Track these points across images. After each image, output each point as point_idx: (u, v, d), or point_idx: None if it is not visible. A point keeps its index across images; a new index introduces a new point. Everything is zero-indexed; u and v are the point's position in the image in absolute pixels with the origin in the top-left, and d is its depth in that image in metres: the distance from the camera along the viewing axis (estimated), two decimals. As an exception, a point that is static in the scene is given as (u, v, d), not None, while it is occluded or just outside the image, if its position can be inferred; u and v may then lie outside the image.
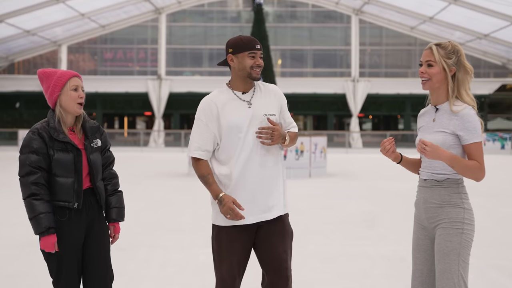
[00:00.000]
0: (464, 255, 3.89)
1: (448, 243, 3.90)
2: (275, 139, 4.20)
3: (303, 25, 45.01)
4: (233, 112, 4.21)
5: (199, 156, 4.28)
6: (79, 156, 4.14)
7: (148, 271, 7.06)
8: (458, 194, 3.96)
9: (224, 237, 4.26)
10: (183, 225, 10.27)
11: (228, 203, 4.14)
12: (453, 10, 34.41)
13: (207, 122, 4.24)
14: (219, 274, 4.31)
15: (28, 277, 6.96)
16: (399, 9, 38.93)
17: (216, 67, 44.15)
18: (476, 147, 3.89)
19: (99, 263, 4.27)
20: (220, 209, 4.20)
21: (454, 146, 3.94)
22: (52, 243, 4.03)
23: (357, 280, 6.91)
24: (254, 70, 4.21)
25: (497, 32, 35.49)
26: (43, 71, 4.25)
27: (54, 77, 4.19)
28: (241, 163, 4.19)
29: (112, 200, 4.40)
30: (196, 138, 4.28)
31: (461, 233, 3.90)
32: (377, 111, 46.32)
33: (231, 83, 4.33)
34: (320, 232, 9.64)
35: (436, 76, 4.02)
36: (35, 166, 4.05)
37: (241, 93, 4.28)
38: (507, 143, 37.02)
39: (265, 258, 4.30)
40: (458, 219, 3.91)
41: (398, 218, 11.20)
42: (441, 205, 3.98)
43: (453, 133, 3.92)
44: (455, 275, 3.86)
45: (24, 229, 9.91)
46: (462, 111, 3.90)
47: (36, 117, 43.46)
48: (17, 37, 37.73)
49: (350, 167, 24.21)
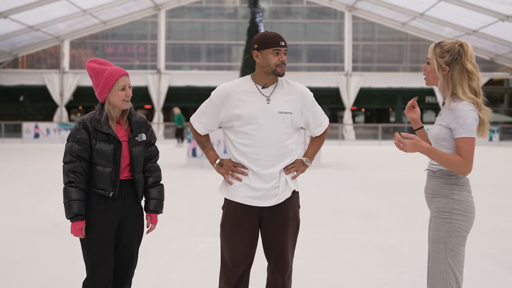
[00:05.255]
0: (452, 244, 3.88)
1: (436, 231, 3.93)
2: (298, 172, 4.36)
3: (298, 21, 44.94)
4: (249, 103, 4.20)
5: (196, 129, 4.41)
6: (119, 147, 4.21)
7: (148, 259, 7.06)
8: (450, 185, 3.94)
9: (228, 223, 4.28)
10: (182, 214, 10.28)
11: (230, 162, 4.27)
12: (443, 6, 34.38)
13: (218, 105, 4.27)
14: (223, 260, 4.34)
15: (33, 263, 6.97)
16: (391, 6, 38.88)
17: (214, 62, 44.13)
18: (462, 142, 3.85)
19: (127, 252, 4.36)
20: (218, 170, 4.30)
21: (448, 139, 3.94)
22: (79, 228, 4.14)
23: (349, 267, 6.94)
24: (279, 67, 4.18)
25: (486, 28, 35.47)
26: (92, 68, 4.27)
27: (103, 77, 4.21)
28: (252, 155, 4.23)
29: (152, 192, 4.44)
30: (202, 113, 4.38)
31: (449, 222, 3.89)
32: (369, 104, 46.29)
33: (254, 76, 4.30)
34: (314, 221, 9.66)
35: (431, 74, 4.03)
36: (75, 155, 4.14)
37: (261, 87, 4.26)
38: (495, 135, 37.09)
39: (267, 244, 4.33)
40: (446, 209, 3.91)
41: (389, 208, 11.24)
42: (433, 195, 4.01)
43: (448, 126, 3.91)
44: (442, 262, 3.88)
45: (27, 216, 9.93)
46: (456, 107, 3.88)
47: (39, 110, 43.43)
48: (21, 33, 37.59)
49: (343, 159, 24.24)
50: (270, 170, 4.20)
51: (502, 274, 6.68)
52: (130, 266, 4.41)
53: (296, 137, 4.34)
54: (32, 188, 13.66)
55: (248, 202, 4.21)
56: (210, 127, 4.39)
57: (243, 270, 4.29)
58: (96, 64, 4.28)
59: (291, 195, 4.32)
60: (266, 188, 4.20)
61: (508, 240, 8.41)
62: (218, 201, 4.71)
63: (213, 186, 13.40)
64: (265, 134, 4.17)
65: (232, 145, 4.28)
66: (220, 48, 44.67)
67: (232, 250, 4.25)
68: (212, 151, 4.41)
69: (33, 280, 6.30)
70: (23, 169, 18.82)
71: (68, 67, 42.62)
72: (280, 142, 4.21)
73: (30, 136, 36.08)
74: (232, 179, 4.27)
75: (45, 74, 41.95)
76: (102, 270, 4.22)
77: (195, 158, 19.89)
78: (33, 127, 36.38)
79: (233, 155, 4.28)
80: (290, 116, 4.24)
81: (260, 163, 4.18)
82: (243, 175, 4.22)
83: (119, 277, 4.38)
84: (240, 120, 4.19)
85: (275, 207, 4.24)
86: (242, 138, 4.21)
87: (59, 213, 8.19)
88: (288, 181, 4.27)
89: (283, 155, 4.24)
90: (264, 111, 4.18)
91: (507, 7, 30.10)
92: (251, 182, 4.20)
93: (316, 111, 4.44)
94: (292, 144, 4.28)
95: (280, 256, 4.28)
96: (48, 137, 36.06)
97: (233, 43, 44.00)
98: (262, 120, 4.17)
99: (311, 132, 4.53)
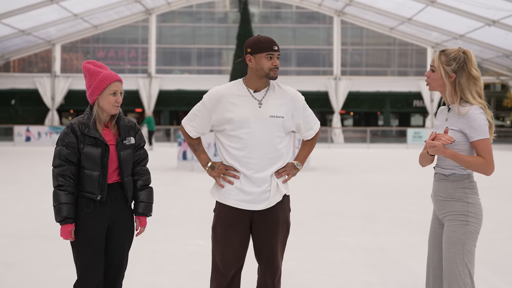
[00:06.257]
0: (469, 245, 3.98)
1: (453, 233, 4.00)
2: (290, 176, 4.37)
3: (287, 25, 45.00)
4: (241, 107, 4.18)
5: (188, 132, 4.39)
6: (106, 151, 4.20)
7: (138, 261, 7.04)
8: (463, 189, 4.04)
9: (220, 226, 4.27)
10: (171, 216, 10.26)
11: (222, 166, 4.25)
12: (431, 11, 34.47)
13: (210, 108, 4.25)
14: (214, 263, 4.33)
15: (25, 265, 6.94)
16: (379, 11, 38.97)
17: (204, 66, 44.13)
18: (481, 144, 3.97)
19: (117, 254, 4.36)
20: (210, 173, 4.29)
21: (462, 143, 4.03)
22: (68, 231, 4.15)
23: (337, 269, 6.94)
24: (272, 70, 4.17)
25: (472, 32, 35.59)
26: (88, 68, 4.27)
27: (97, 79, 4.21)
28: (243, 158, 4.21)
29: (141, 195, 4.43)
30: (194, 116, 4.36)
31: (466, 224, 4.00)
32: (358, 108, 46.37)
33: (246, 80, 4.28)
34: (302, 223, 9.66)
35: (437, 81, 4.11)
36: (64, 159, 4.15)
37: (253, 91, 4.24)
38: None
39: (257, 247, 4.32)
40: (462, 211, 4.01)
41: (378, 210, 11.25)
42: (446, 199, 4.08)
43: (460, 130, 4.02)
44: (460, 263, 3.96)
45: (20, 219, 9.90)
46: (467, 112, 3.99)
47: (31, 113, 43.28)
48: (12, 37, 37.45)
49: (332, 162, 24.27)
50: (262, 174, 4.19)
51: (489, 276, 6.69)
52: (121, 268, 4.40)
53: (288, 140, 4.33)
54: (23, 191, 13.61)
55: (240, 206, 4.20)
56: (202, 130, 4.37)
57: (234, 272, 4.27)
58: (92, 66, 4.28)
59: (282, 199, 4.32)
60: (257, 192, 4.19)
61: (494, 242, 8.42)
62: (208, 204, 4.73)
63: (203, 189, 13.40)
64: (257, 138, 4.16)
65: (224, 149, 4.26)
66: (211, 52, 44.68)
67: (224, 253, 4.24)
68: (203, 154, 4.40)
69: (25, 282, 6.26)
70: (15, 172, 18.75)
71: (60, 71, 42.52)
72: (272, 146, 4.20)
73: (22, 139, 35.92)
74: (223, 182, 4.26)
75: (37, 77, 41.84)
76: (93, 273, 4.22)
77: (185, 161, 19.87)
78: (25, 131, 36.24)
79: (225, 159, 4.26)
80: (282, 120, 4.23)
81: (252, 166, 4.17)
82: (234, 178, 4.22)
83: (109, 279, 4.38)
84: (231, 123, 4.17)
85: (266, 210, 4.24)
86: (234, 142, 4.20)
87: (50, 215, 8.17)
88: (279, 185, 4.27)
89: (275, 159, 4.23)
90: (256, 115, 4.17)
91: (493, 12, 30.22)
92: (242, 186, 4.19)
93: (307, 115, 4.44)
94: (283, 148, 4.28)
95: (271, 259, 4.28)
96: (40, 140, 35.91)
97: (223, 47, 44.01)
98: (253, 124, 4.16)
99: (302, 135, 4.53)
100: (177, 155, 20.71)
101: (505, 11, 29.39)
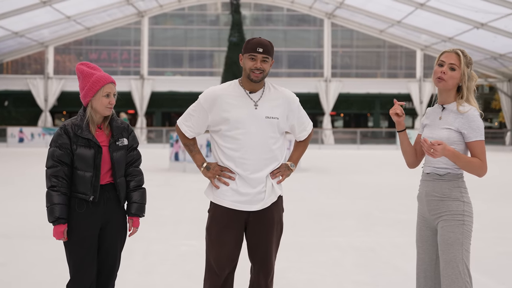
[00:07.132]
0: (466, 244, 4.00)
1: (451, 234, 4.00)
2: (284, 177, 4.35)
3: (278, 28, 45.00)
4: (237, 107, 4.17)
5: (184, 132, 4.37)
6: (99, 152, 4.19)
7: (131, 261, 7.02)
8: (458, 188, 4.07)
9: (215, 227, 4.25)
10: (164, 217, 10.23)
11: (217, 167, 4.22)
12: (420, 14, 34.52)
13: (206, 108, 4.23)
14: (208, 263, 4.31)
15: (18, 265, 6.92)
16: (369, 13, 38.99)
17: (195, 68, 44.08)
18: (478, 145, 4.01)
19: (110, 255, 4.35)
20: (205, 174, 4.27)
21: (457, 143, 4.05)
22: (60, 232, 4.14)
23: (328, 268, 6.95)
24: (253, 72, 4.13)
25: (461, 35, 35.65)
26: (81, 70, 4.26)
27: (90, 81, 4.21)
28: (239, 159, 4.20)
29: (134, 195, 4.42)
30: (189, 116, 4.34)
31: (462, 224, 4.01)
32: (348, 109, 46.47)
33: (241, 81, 4.27)
34: (294, 223, 9.66)
35: (455, 80, 4.09)
36: (57, 160, 4.15)
37: (249, 91, 4.23)
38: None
39: (252, 247, 4.31)
40: (458, 211, 4.02)
41: (368, 211, 11.27)
42: (442, 198, 4.08)
43: (457, 130, 4.04)
44: (460, 263, 3.97)
45: (14, 219, 9.86)
46: (468, 111, 4.01)
47: (24, 114, 43.15)
48: (5, 39, 37.29)
49: (323, 163, 24.28)
50: (258, 175, 4.18)
51: (478, 276, 6.70)
52: (113, 268, 4.40)
53: (282, 141, 4.33)
54: (17, 192, 13.56)
55: (235, 207, 4.19)
56: (198, 130, 4.36)
57: (227, 273, 4.26)
58: (86, 67, 4.27)
59: (276, 199, 4.32)
60: (253, 193, 4.18)
61: (481, 241, 8.44)
62: (200, 205, 4.72)
63: (196, 190, 13.39)
64: (252, 138, 4.15)
65: (219, 150, 4.25)
66: (202, 54, 44.64)
67: (218, 253, 4.22)
68: (199, 155, 4.39)
69: (19, 282, 6.24)
70: (8, 173, 18.69)
71: (53, 73, 42.36)
72: (266, 147, 4.20)
73: (15, 141, 35.81)
74: (219, 183, 4.25)
75: (30, 79, 41.65)
76: (85, 273, 4.21)
77: (178, 162, 19.84)
78: (18, 132, 36.11)
79: (220, 160, 4.25)
80: (277, 121, 4.22)
81: (248, 167, 4.16)
82: (230, 179, 4.21)
83: (102, 280, 4.37)
84: (227, 124, 4.16)
85: (261, 211, 4.23)
86: (229, 143, 4.19)
87: (44, 216, 8.13)
88: (274, 185, 4.27)
89: (270, 160, 4.23)
90: (252, 116, 4.16)
91: (481, 15, 30.30)
92: (238, 187, 4.18)
93: (301, 116, 4.45)
94: (278, 149, 4.28)
95: (265, 259, 4.28)
96: (33, 141, 35.78)
97: (215, 49, 43.97)
98: (248, 125, 4.15)
99: (296, 136, 4.53)
100: (169, 156, 20.68)
101: (493, 14, 29.46)
